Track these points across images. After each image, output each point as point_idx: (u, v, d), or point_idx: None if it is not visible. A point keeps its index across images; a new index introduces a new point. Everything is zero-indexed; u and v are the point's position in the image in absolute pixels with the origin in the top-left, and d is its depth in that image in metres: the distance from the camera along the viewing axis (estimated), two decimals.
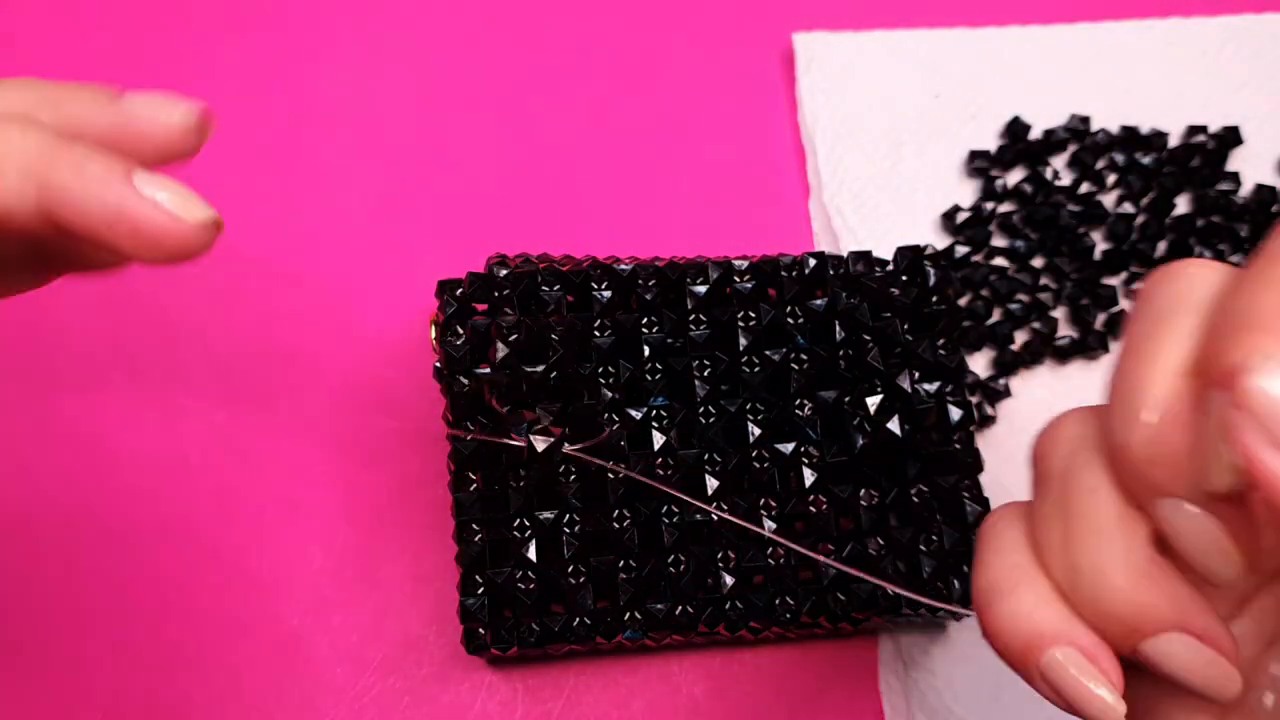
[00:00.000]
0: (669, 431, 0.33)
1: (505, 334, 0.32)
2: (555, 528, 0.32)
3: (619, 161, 0.44)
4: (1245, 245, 0.42)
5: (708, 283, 0.34)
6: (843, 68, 0.45)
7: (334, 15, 0.46)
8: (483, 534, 0.32)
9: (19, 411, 0.38)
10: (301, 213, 0.42)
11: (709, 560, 0.33)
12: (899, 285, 0.35)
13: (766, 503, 0.33)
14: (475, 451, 0.33)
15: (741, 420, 0.33)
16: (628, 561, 0.32)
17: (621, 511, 0.33)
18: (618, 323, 0.34)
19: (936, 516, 0.33)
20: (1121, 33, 0.46)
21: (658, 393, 0.33)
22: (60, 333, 0.40)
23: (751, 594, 0.32)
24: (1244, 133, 0.44)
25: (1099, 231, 0.42)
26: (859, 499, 0.33)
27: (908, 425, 0.33)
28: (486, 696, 0.35)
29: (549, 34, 0.46)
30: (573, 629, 0.32)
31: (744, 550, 0.33)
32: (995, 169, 0.43)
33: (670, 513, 0.33)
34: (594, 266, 0.34)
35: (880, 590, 0.32)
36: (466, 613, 0.32)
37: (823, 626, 0.33)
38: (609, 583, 0.32)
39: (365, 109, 0.44)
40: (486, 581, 0.32)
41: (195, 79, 0.44)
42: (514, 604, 0.32)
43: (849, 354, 0.34)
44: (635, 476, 0.32)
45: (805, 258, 0.35)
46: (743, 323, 0.34)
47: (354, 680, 0.35)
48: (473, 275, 0.33)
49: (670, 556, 0.32)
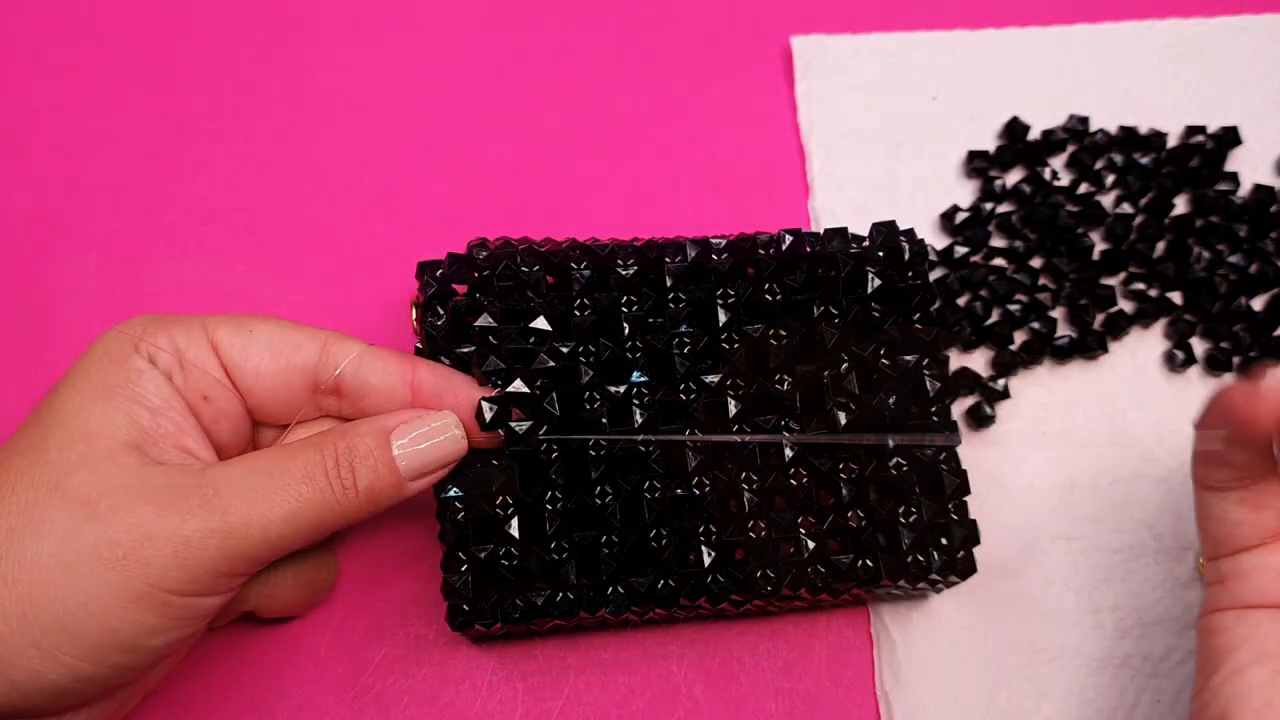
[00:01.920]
0: (650, 408, 0.33)
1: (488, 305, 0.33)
2: (538, 504, 0.32)
3: (619, 162, 0.44)
4: (1244, 245, 0.42)
5: (686, 261, 0.35)
6: (841, 70, 0.45)
7: (329, 3, 0.46)
8: (465, 512, 0.32)
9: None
10: (286, 199, 0.42)
11: (690, 535, 0.33)
12: (875, 261, 0.35)
13: (748, 476, 0.33)
14: None
15: (721, 396, 0.34)
16: (610, 537, 0.33)
17: (603, 487, 0.33)
18: (597, 301, 0.34)
19: (915, 489, 0.34)
20: (1120, 33, 0.46)
21: (638, 370, 0.34)
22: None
23: (733, 567, 0.33)
24: (1242, 133, 0.44)
25: (1098, 232, 0.42)
26: (839, 472, 0.34)
27: (889, 399, 0.34)
28: (486, 696, 0.35)
29: (550, 34, 0.46)
30: (556, 604, 0.32)
31: (725, 525, 0.33)
32: (994, 169, 0.44)
33: (652, 488, 0.33)
34: (573, 246, 0.35)
35: (861, 561, 0.33)
36: (450, 589, 0.32)
37: (803, 599, 0.34)
38: (592, 558, 0.33)
39: (359, 95, 0.44)
40: (470, 559, 0.32)
41: (185, 72, 0.44)
42: (498, 581, 0.32)
43: (826, 328, 0.34)
44: (711, 439, 0.33)
45: (782, 234, 0.35)
46: (721, 299, 0.34)
47: (354, 679, 0.35)
48: (453, 256, 0.34)
49: (652, 531, 0.33)
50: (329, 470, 0.29)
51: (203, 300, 0.41)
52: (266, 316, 0.32)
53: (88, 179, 0.43)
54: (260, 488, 0.28)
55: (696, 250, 0.35)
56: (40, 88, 0.44)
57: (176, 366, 0.30)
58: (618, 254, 0.35)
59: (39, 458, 0.27)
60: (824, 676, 0.36)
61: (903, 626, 0.37)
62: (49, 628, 0.25)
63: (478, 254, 0.34)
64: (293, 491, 0.28)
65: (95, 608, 0.26)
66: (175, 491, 0.27)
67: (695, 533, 0.33)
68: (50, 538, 0.26)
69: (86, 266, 0.41)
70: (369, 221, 0.42)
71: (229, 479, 0.28)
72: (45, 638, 0.25)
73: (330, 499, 0.29)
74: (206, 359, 0.30)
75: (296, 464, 0.29)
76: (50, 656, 0.26)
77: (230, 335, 0.31)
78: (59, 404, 0.28)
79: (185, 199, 0.42)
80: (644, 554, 0.33)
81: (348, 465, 0.29)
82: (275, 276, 0.41)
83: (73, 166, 0.43)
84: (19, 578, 0.25)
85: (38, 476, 0.27)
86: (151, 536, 0.26)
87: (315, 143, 0.44)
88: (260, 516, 0.27)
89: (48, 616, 0.25)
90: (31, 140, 0.43)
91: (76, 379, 0.29)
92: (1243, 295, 0.41)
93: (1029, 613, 0.37)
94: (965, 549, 0.34)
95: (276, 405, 0.32)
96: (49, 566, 0.26)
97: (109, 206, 0.42)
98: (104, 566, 0.26)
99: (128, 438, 0.28)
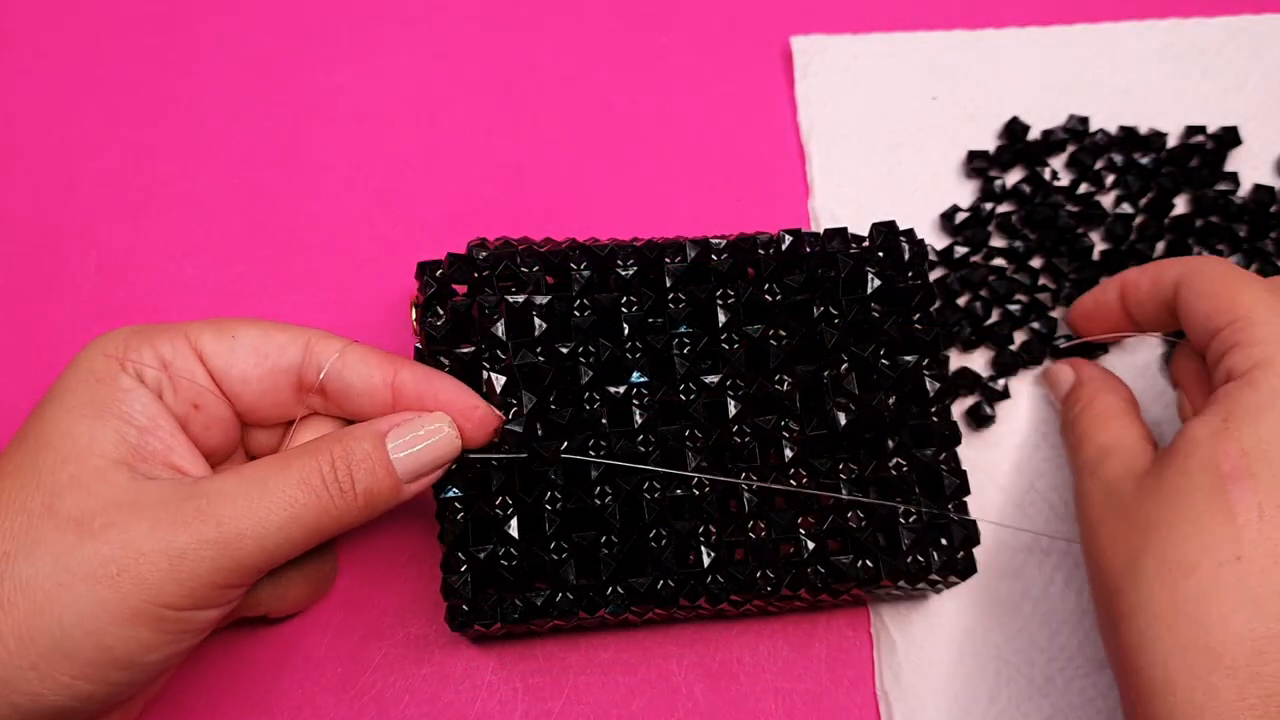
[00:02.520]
0: (650, 408, 0.33)
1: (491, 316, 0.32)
2: (537, 505, 0.32)
3: (619, 162, 0.44)
4: (1244, 245, 0.42)
5: (685, 261, 0.34)
6: (841, 70, 0.45)
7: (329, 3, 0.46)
8: (465, 512, 0.32)
9: None
10: (286, 199, 0.42)
11: (690, 535, 0.33)
12: (875, 261, 0.35)
13: (747, 477, 0.33)
14: None
15: (721, 396, 0.34)
16: (609, 537, 0.33)
17: (603, 488, 0.33)
18: (597, 302, 0.34)
19: (915, 490, 0.34)
20: (1120, 33, 0.46)
21: (638, 370, 0.34)
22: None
23: (733, 567, 0.33)
24: (1242, 133, 0.44)
25: (1097, 232, 0.42)
26: (839, 472, 0.34)
27: (889, 399, 0.34)
28: (486, 696, 0.35)
29: (550, 34, 0.46)
30: (555, 604, 0.32)
31: (725, 525, 0.33)
32: (994, 169, 0.43)
33: (651, 488, 0.33)
34: (573, 247, 0.35)
35: (860, 561, 0.33)
36: (450, 590, 0.32)
37: (803, 599, 0.34)
38: (591, 558, 0.32)
39: (359, 95, 0.44)
40: (469, 559, 0.32)
41: (185, 72, 0.44)
42: (497, 581, 0.32)
43: (825, 329, 0.34)
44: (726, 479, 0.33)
45: (782, 235, 0.35)
46: (721, 300, 0.34)
47: (354, 679, 0.35)
48: (452, 256, 0.34)
49: (651, 532, 0.33)
50: (325, 475, 0.29)
51: (202, 300, 0.41)
52: (248, 319, 0.32)
53: (87, 179, 0.43)
54: (255, 496, 0.28)
55: (696, 250, 0.35)
56: (39, 87, 0.44)
57: (165, 380, 0.30)
58: (617, 254, 0.35)
59: (29, 480, 0.27)
60: (824, 676, 0.36)
61: (903, 626, 0.37)
62: (46, 649, 0.25)
63: (477, 254, 0.34)
64: (288, 498, 0.28)
65: (91, 626, 0.26)
66: (168, 506, 0.27)
67: (695, 533, 0.33)
68: (45, 560, 0.26)
69: (86, 266, 0.41)
70: (369, 221, 0.42)
71: (222, 490, 0.28)
72: (43, 659, 0.25)
73: (328, 504, 0.29)
74: (193, 369, 0.30)
75: (292, 471, 0.28)
76: (49, 677, 0.26)
77: (214, 343, 0.31)
78: (47, 424, 0.28)
79: (185, 199, 0.42)
80: (643, 554, 0.33)
81: (345, 469, 0.29)
82: (275, 276, 0.41)
83: (72, 166, 0.43)
84: (15, 601, 0.25)
85: (30, 500, 0.27)
86: (145, 552, 0.26)
87: (315, 143, 0.44)
88: (256, 526, 0.27)
89: (45, 638, 0.25)
90: (31, 140, 0.43)
91: (63, 398, 0.29)
92: None
93: (1029, 613, 0.37)
94: (965, 549, 0.34)
95: (265, 408, 0.32)
96: (44, 588, 0.26)
97: (108, 206, 0.42)
98: (99, 584, 0.26)
99: (117, 455, 0.28)
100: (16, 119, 0.44)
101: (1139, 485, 0.31)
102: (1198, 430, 0.30)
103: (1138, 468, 0.32)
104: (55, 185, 0.42)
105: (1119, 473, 0.32)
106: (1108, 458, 0.33)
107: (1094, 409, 0.35)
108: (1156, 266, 0.35)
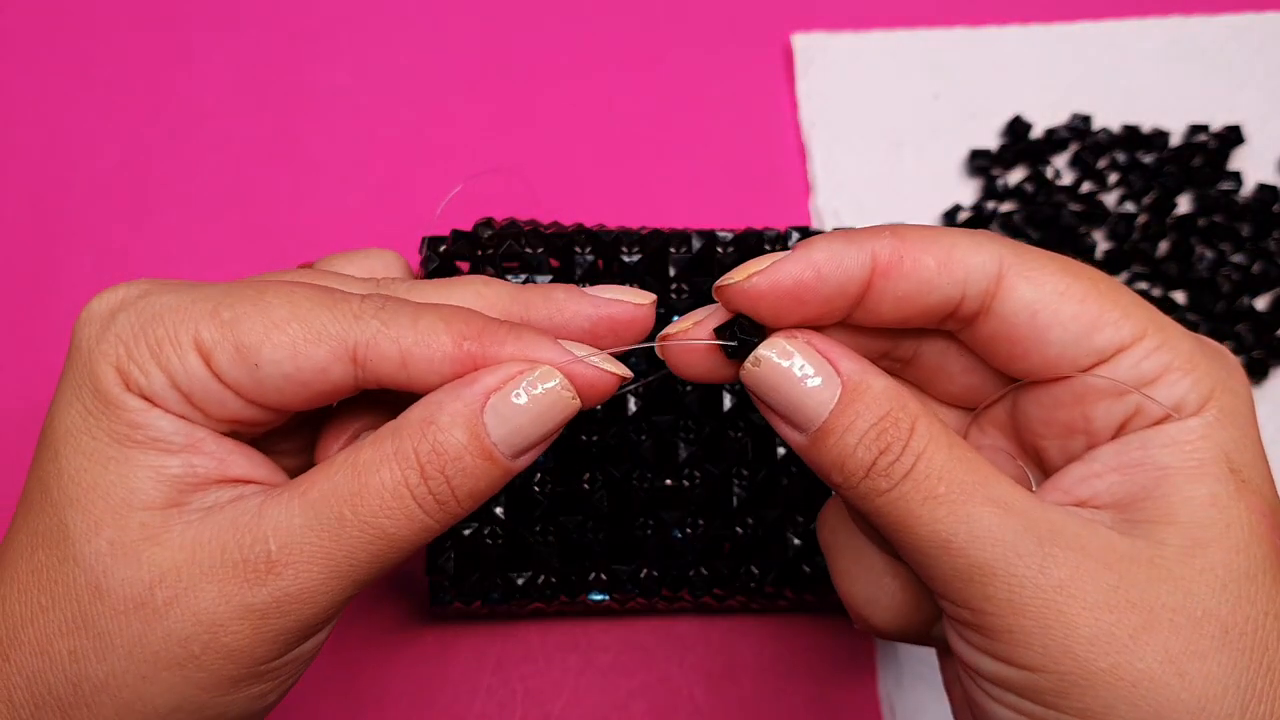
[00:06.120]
0: (644, 399, 0.33)
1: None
2: (525, 487, 0.32)
3: (619, 160, 0.44)
4: (1247, 245, 0.41)
5: (690, 251, 0.34)
6: (842, 68, 0.45)
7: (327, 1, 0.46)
8: None
9: None
10: (285, 197, 0.42)
11: (677, 526, 0.33)
12: None
13: (739, 471, 0.33)
14: None
15: (717, 389, 0.33)
16: (596, 523, 0.32)
17: (593, 473, 0.33)
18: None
19: None
20: (1123, 31, 0.46)
21: (634, 359, 0.33)
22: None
23: (719, 561, 0.33)
24: (1245, 132, 0.44)
25: (1100, 231, 0.42)
26: None
27: None
28: (485, 699, 0.35)
29: (552, 31, 0.46)
30: (537, 587, 0.32)
31: (712, 518, 0.33)
32: (996, 168, 0.43)
33: (642, 477, 0.33)
34: (578, 231, 0.34)
35: None
36: (434, 566, 0.32)
37: (786, 598, 0.34)
38: (577, 543, 0.32)
39: (358, 93, 0.44)
40: (454, 537, 0.32)
41: (182, 71, 0.44)
42: (481, 561, 0.32)
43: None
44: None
45: (789, 231, 0.35)
46: None
47: (350, 680, 0.35)
48: (456, 233, 0.34)
49: (639, 520, 0.33)
50: (416, 491, 0.23)
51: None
52: (272, 320, 0.23)
53: (84, 178, 0.42)
54: (332, 537, 0.23)
55: (702, 242, 0.35)
56: (37, 87, 0.44)
57: (183, 373, 0.23)
58: (623, 241, 0.34)
59: (64, 553, 0.23)
60: (824, 677, 0.36)
61: None
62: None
63: (483, 233, 0.34)
64: (374, 533, 0.23)
65: (191, 707, 0.23)
66: (232, 563, 0.23)
67: (682, 524, 0.33)
68: (116, 654, 0.23)
69: (83, 266, 0.41)
70: (369, 220, 0.42)
71: (291, 534, 0.23)
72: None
73: (426, 524, 0.23)
74: (206, 386, 0.24)
75: (371, 493, 0.23)
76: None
77: (234, 368, 0.23)
78: (66, 475, 0.23)
79: (183, 198, 0.42)
80: (629, 542, 0.33)
81: (439, 475, 0.23)
82: (280, 255, 0.41)
83: (69, 166, 0.42)
84: (100, 701, 0.23)
85: (73, 579, 0.23)
86: (223, 622, 0.23)
87: (314, 142, 0.43)
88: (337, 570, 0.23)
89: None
90: (28, 140, 0.43)
91: (76, 438, 0.23)
92: (1246, 295, 0.41)
93: None
94: None
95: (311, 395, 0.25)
96: (126, 684, 0.23)
97: (106, 206, 0.42)
98: (184, 667, 0.23)
99: (162, 500, 0.23)
100: (15, 119, 0.43)
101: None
102: (1194, 500, 0.22)
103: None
104: (53, 185, 0.42)
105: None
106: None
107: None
108: (929, 237, 0.23)
